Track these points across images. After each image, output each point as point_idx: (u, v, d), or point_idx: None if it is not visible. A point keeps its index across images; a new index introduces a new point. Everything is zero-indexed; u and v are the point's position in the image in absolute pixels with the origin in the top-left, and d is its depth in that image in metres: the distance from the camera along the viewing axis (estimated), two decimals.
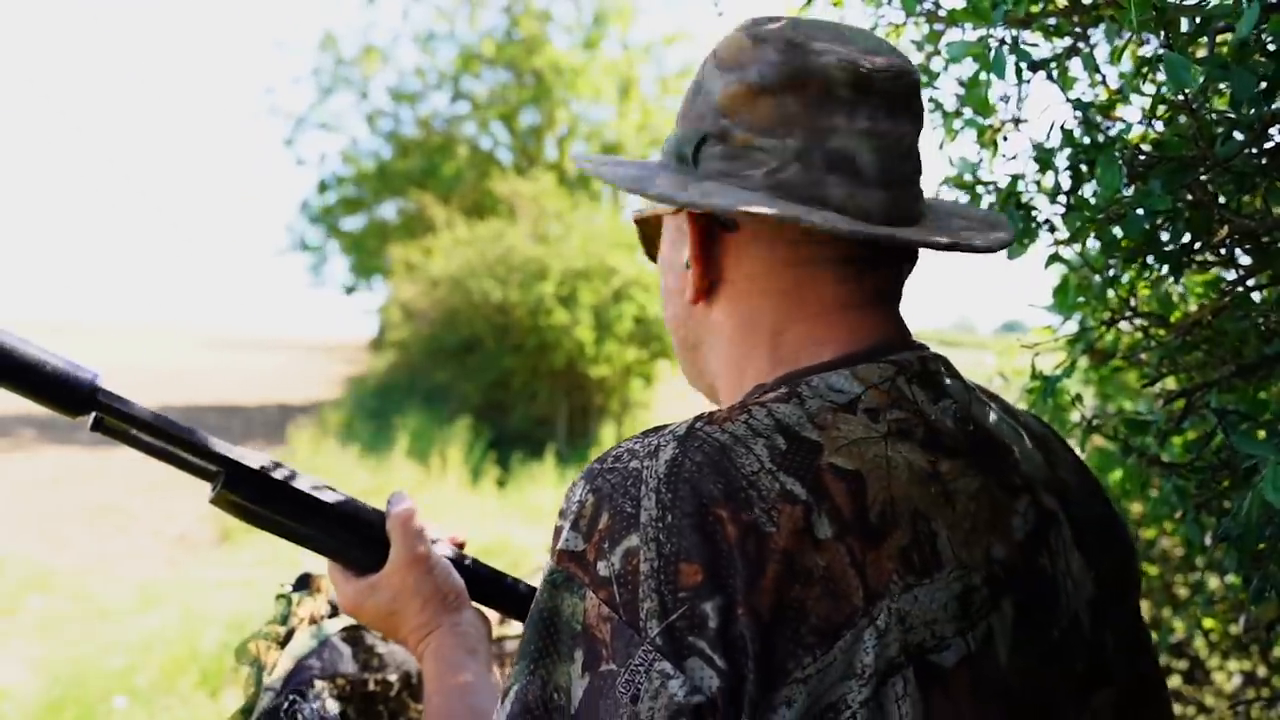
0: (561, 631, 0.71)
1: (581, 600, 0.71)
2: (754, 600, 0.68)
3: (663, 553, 0.69)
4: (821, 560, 0.71)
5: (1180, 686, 2.62)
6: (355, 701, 1.22)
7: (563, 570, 0.73)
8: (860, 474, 0.75)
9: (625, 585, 0.69)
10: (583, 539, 0.73)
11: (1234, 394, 1.30)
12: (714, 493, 0.71)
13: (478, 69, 18.82)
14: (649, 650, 0.67)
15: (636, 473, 0.74)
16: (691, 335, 0.94)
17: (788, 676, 0.68)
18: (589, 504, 0.74)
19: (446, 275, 11.72)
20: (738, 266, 0.88)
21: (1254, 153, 1.11)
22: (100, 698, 3.98)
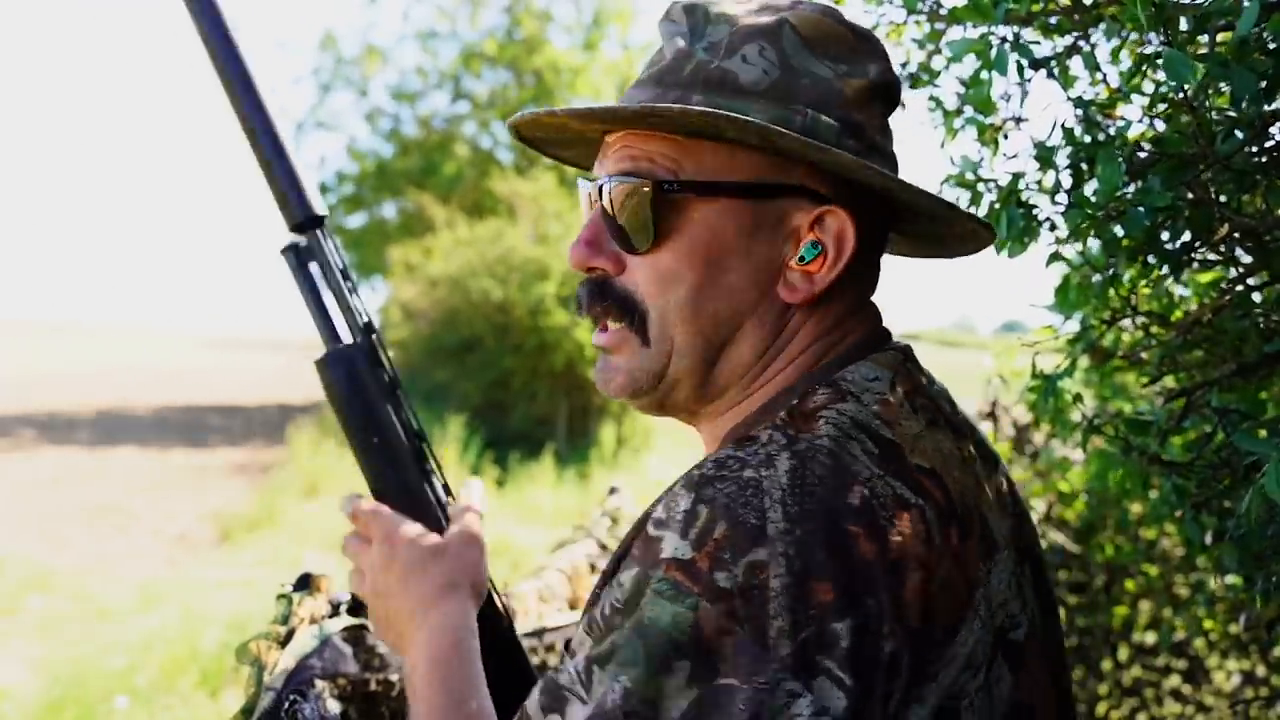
0: (660, 642, 0.68)
1: (691, 611, 0.67)
2: (903, 614, 0.69)
3: (793, 569, 0.67)
4: (940, 561, 0.73)
5: (1180, 686, 2.62)
6: (356, 701, 1.22)
7: (669, 579, 0.69)
8: (937, 471, 0.78)
9: (750, 600, 0.67)
10: (692, 548, 0.69)
11: (1234, 393, 1.30)
12: (844, 507, 0.71)
13: (478, 68, 18.81)
14: (778, 669, 0.66)
15: (754, 482, 0.71)
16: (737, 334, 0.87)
17: (926, 677, 0.70)
18: (700, 512, 0.71)
19: (446, 275, 11.71)
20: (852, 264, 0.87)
21: (1254, 151, 1.11)
22: (100, 698, 3.98)
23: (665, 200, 0.84)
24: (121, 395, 17.08)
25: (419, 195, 16.15)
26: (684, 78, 0.85)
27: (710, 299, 0.85)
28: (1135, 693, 2.64)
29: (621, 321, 0.88)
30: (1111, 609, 2.56)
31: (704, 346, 0.87)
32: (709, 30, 0.87)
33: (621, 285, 0.88)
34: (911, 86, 1.53)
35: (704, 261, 0.85)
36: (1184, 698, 2.61)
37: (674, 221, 0.84)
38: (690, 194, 0.84)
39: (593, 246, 0.88)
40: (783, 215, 0.85)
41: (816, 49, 0.86)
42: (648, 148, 0.85)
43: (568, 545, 2.08)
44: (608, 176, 0.87)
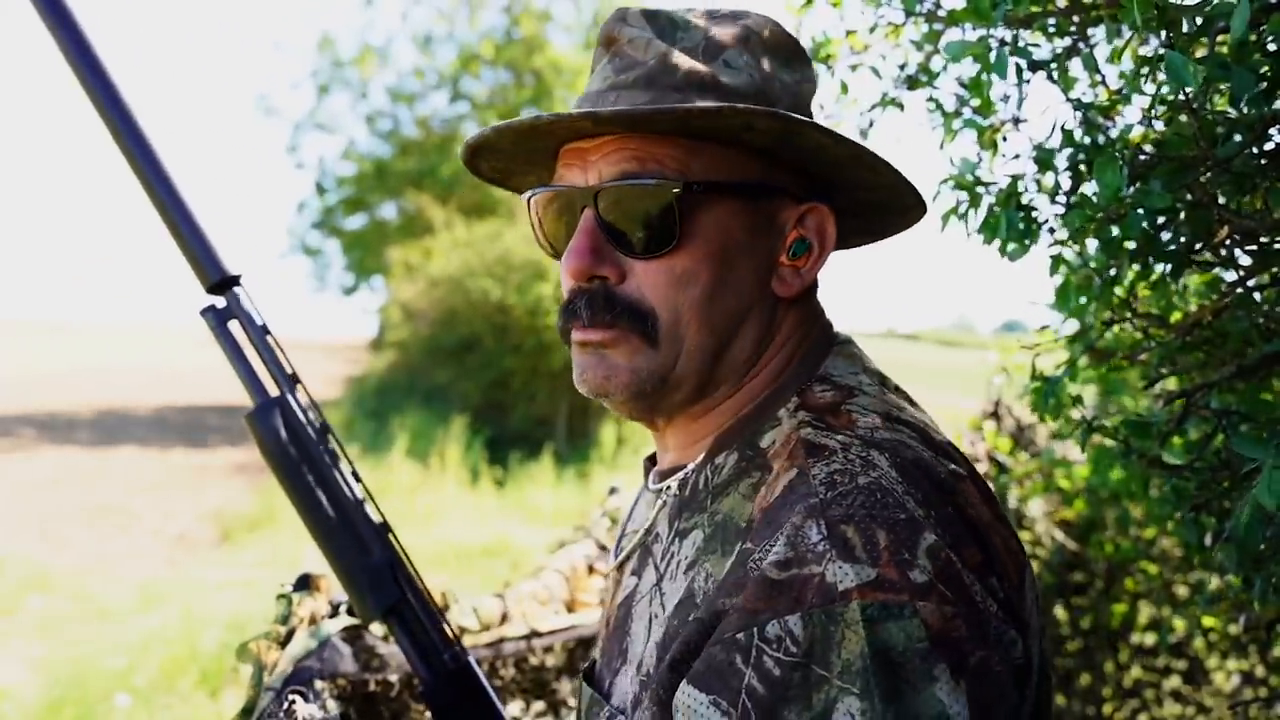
0: (906, 662, 0.67)
1: (915, 616, 0.68)
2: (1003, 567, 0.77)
3: (948, 542, 0.73)
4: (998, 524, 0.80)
5: (1180, 686, 2.62)
6: (355, 701, 1.22)
7: (872, 603, 0.68)
8: (949, 443, 0.86)
9: (948, 580, 0.71)
10: (870, 564, 0.69)
11: (1234, 394, 1.30)
12: (941, 483, 0.78)
13: (477, 69, 18.81)
14: (998, 623, 0.72)
15: (874, 485, 0.75)
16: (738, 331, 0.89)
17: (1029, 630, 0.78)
18: (847, 532, 0.71)
19: (445, 275, 11.72)
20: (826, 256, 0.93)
21: (1254, 153, 1.11)
22: (100, 697, 3.98)
23: (688, 201, 0.84)
24: (121, 395, 17.08)
25: (418, 196, 16.15)
26: (678, 81, 0.86)
27: (721, 298, 0.87)
28: (1136, 694, 2.64)
29: (628, 327, 0.86)
30: (1112, 608, 2.56)
31: (713, 345, 0.87)
32: (680, 36, 0.88)
33: (626, 292, 0.86)
34: (910, 88, 1.53)
35: (719, 261, 0.86)
36: (1184, 698, 2.61)
37: (691, 223, 0.85)
38: (707, 195, 0.85)
39: (596, 254, 0.86)
40: (774, 214, 0.89)
41: (776, 56, 0.91)
42: (654, 150, 0.84)
43: (567, 546, 2.08)
44: (608, 181, 0.85)
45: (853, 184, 0.91)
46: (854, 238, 1.04)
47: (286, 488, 1.05)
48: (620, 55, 0.89)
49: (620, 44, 0.90)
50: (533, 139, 0.90)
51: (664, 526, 0.91)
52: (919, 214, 0.96)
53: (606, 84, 0.89)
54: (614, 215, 0.85)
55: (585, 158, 0.87)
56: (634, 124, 0.83)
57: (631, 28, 0.89)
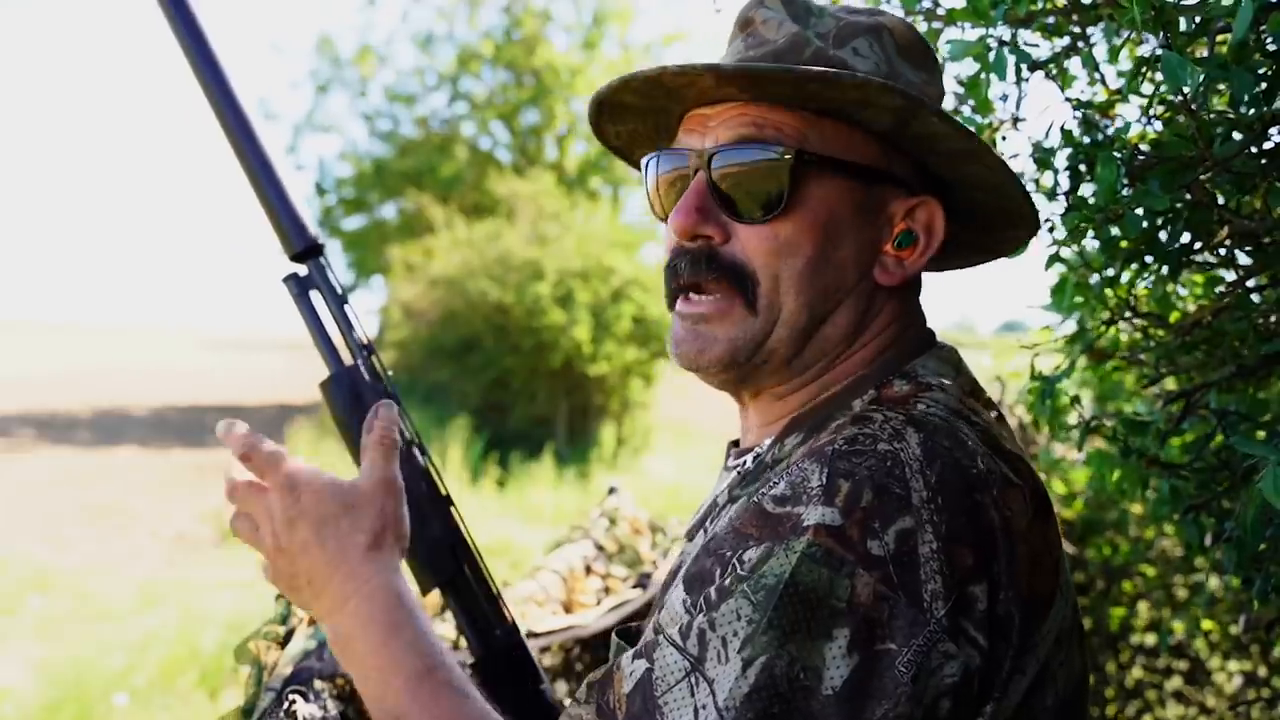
0: (819, 609, 0.69)
1: (848, 579, 0.69)
2: (1016, 580, 0.74)
3: (940, 535, 0.71)
4: (1036, 539, 0.78)
5: (1181, 687, 2.62)
6: (355, 701, 1.22)
7: (820, 545, 0.70)
8: (1020, 456, 0.84)
9: (903, 566, 0.70)
10: (840, 515, 0.71)
11: (1233, 394, 1.30)
12: (973, 477, 0.75)
13: (477, 69, 18.80)
14: (935, 631, 0.69)
15: (892, 454, 0.74)
16: (833, 310, 0.89)
17: (1028, 647, 0.75)
18: (841, 484, 0.72)
19: (445, 275, 11.71)
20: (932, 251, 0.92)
21: (1253, 153, 1.11)
22: (100, 698, 3.98)
23: (800, 170, 0.86)
24: (121, 395, 17.08)
25: (418, 196, 16.15)
26: (804, 59, 0.88)
27: (822, 271, 0.88)
28: (1138, 694, 2.64)
29: (728, 290, 0.88)
30: (1111, 610, 2.56)
31: (808, 318, 0.88)
32: (813, 21, 0.90)
33: (728, 253, 0.88)
34: None
35: (823, 234, 0.87)
36: (1185, 699, 2.61)
37: (800, 193, 0.86)
38: (821, 168, 0.86)
39: (703, 213, 0.88)
40: (884, 201, 0.89)
41: (905, 54, 0.92)
42: (772, 118, 0.86)
43: (564, 546, 2.08)
44: (723, 145, 0.87)
45: (968, 182, 0.91)
46: (965, 254, 1.04)
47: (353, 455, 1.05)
48: (753, 34, 0.92)
49: (755, 25, 0.92)
50: (657, 96, 0.92)
51: (724, 498, 0.93)
52: (1028, 228, 0.95)
53: (735, 58, 0.92)
54: (725, 178, 0.87)
55: (706, 123, 0.90)
56: (753, 83, 0.85)
57: (767, 9, 0.92)
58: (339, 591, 0.88)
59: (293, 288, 1.08)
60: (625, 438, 11.20)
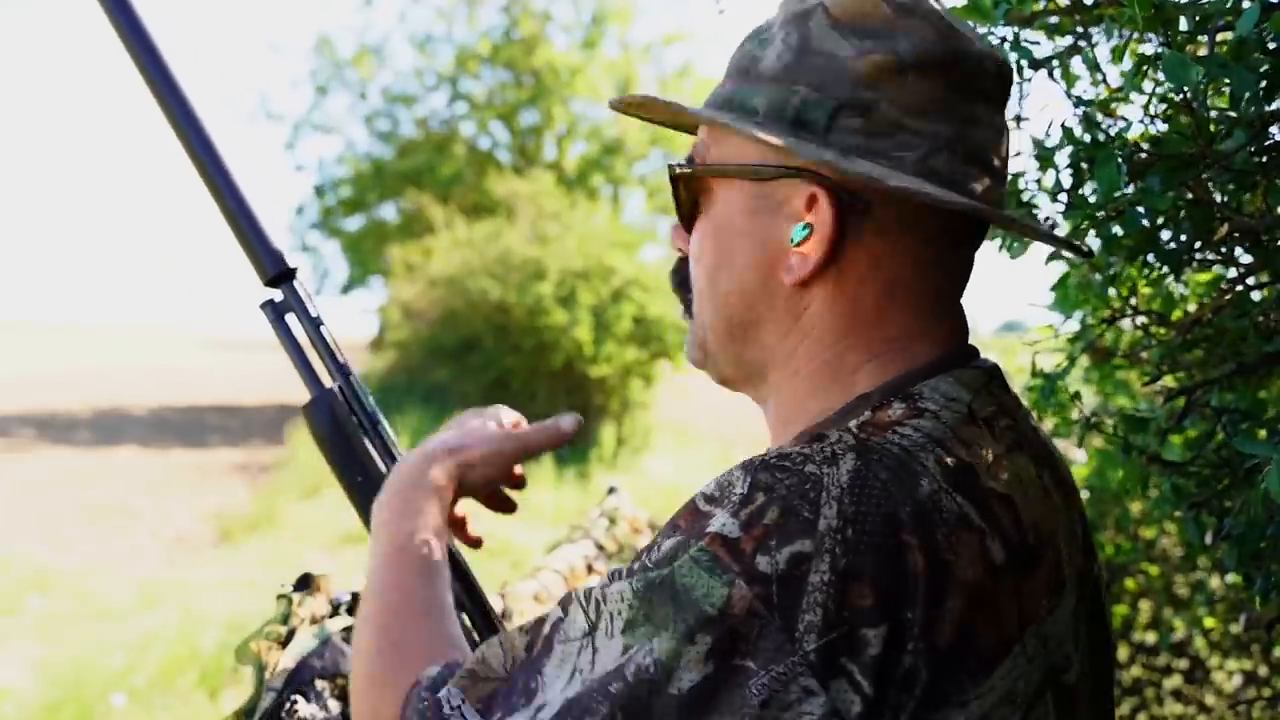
0: (687, 610, 0.67)
1: (727, 587, 0.66)
2: (932, 633, 0.67)
3: (836, 568, 0.66)
4: (994, 589, 0.71)
5: (1181, 686, 2.62)
6: None
7: (709, 551, 0.68)
8: (1011, 498, 0.76)
9: (787, 589, 0.66)
10: (740, 528, 0.68)
11: (1234, 393, 1.30)
12: (902, 516, 0.69)
13: (476, 69, 18.81)
14: (798, 663, 0.65)
15: (815, 477, 0.70)
16: (753, 315, 0.86)
17: (950, 703, 0.68)
18: (756, 497, 0.70)
19: (445, 275, 11.72)
20: (857, 252, 0.82)
21: (1254, 151, 1.11)
22: (99, 698, 3.98)
23: (691, 183, 0.89)
24: (121, 395, 17.08)
25: (418, 196, 16.15)
26: (730, 68, 0.89)
27: (721, 278, 0.88)
28: (1136, 692, 2.64)
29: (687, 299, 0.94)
30: (1111, 608, 2.56)
31: (724, 326, 0.89)
32: (769, 21, 0.89)
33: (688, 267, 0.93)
34: None
35: (716, 242, 0.88)
36: (1185, 698, 2.61)
37: (699, 204, 0.89)
38: (709, 176, 0.88)
39: (677, 230, 0.94)
40: (784, 199, 0.83)
41: (844, 28, 0.82)
42: (701, 135, 0.90)
43: (563, 546, 2.08)
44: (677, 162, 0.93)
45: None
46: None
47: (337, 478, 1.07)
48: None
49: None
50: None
51: None
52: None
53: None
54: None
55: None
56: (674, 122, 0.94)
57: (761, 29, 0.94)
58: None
59: (269, 313, 1.09)
60: (625, 438, 11.20)
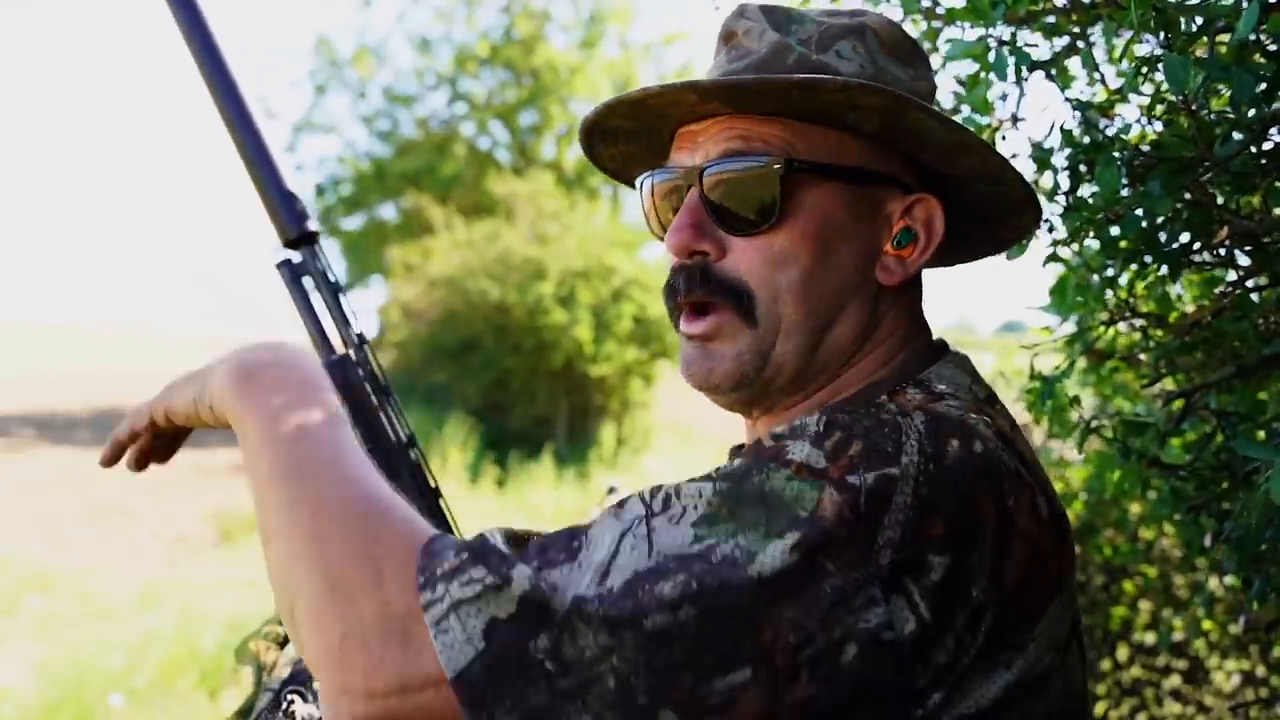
0: (778, 511, 0.69)
1: (818, 491, 0.70)
2: (1001, 576, 0.72)
3: (919, 495, 0.70)
4: (1043, 541, 0.76)
5: (1180, 686, 2.62)
6: None
7: (798, 476, 0.71)
8: (1038, 463, 0.82)
9: (874, 502, 0.69)
10: (826, 458, 0.72)
11: (1233, 395, 1.29)
12: (976, 465, 0.74)
13: (475, 69, 18.79)
14: (871, 572, 0.68)
15: (892, 422, 0.74)
16: (839, 315, 0.89)
17: (1014, 645, 0.73)
18: (835, 432, 0.73)
19: (445, 276, 11.71)
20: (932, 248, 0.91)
21: (1253, 153, 1.11)
22: (99, 698, 3.98)
23: (789, 179, 0.86)
24: (121, 395, 17.06)
25: (417, 196, 16.14)
26: (788, 66, 0.87)
27: (820, 279, 0.87)
28: (1135, 692, 2.63)
29: (726, 305, 0.88)
30: (1110, 609, 2.56)
31: (812, 326, 0.88)
32: (795, 28, 0.90)
33: (723, 269, 0.88)
34: None
35: (818, 242, 0.87)
36: (1184, 698, 2.61)
37: (792, 202, 0.86)
38: (812, 175, 0.86)
39: (697, 230, 0.88)
40: (880, 202, 0.89)
41: (891, 52, 0.91)
42: (759, 129, 0.87)
43: None
44: (713, 160, 0.88)
45: (965, 174, 0.90)
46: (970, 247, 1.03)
47: None
48: (736, 47, 0.92)
49: (737, 37, 0.92)
50: (645, 118, 0.93)
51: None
52: (1031, 215, 0.95)
53: (720, 73, 0.91)
54: (717, 193, 0.88)
55: (695, 140, 0.91)
56: (737, 97, 0.85)
57: (748, 20, 0.92)
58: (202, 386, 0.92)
59: (285, 274, 1.05)
60: (625, 438, 11.20)
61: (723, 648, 0.66)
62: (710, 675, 0.66)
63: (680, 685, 0.66)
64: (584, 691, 0.67)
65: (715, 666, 0.66)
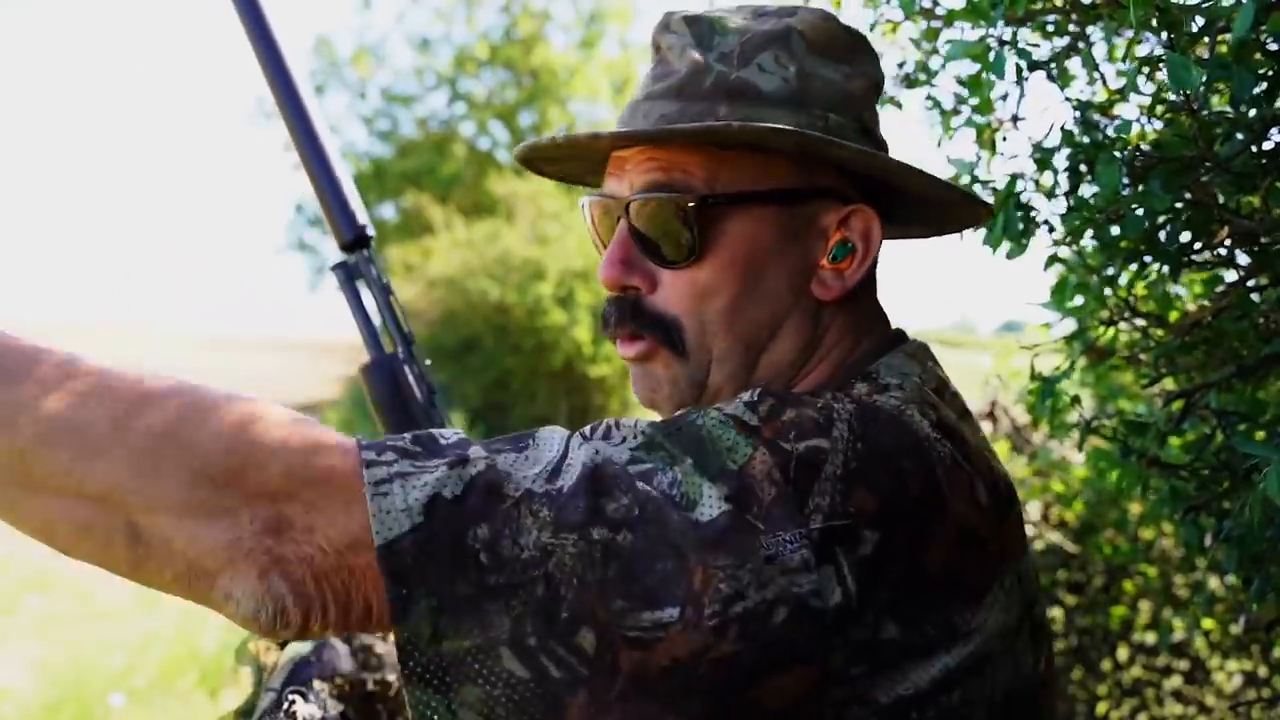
0: (710, 457, 0.70)
1: (752, 450, 0.70)
2: (923, 555, 0.71)
3: (849, 468, 0.70)
4: (980, 527, 0.75)
5: (1181, 686, 2.62)
6: (353, 701, 1.22)
7: (731, 419, 0.72)
8: (984, 451, 0.82)
9: (804, 470, 0.69)
10: (759, 420, 0.72)
11: (1234, 395, 1.29)
12: (904, 443, 0.74)
13: (475, 69, 18.79)
14: (802, 536, 0.68)
15: (824, 405, 0.74)
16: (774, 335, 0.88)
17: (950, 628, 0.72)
18: (769, 400, 0.74)
19: (445, 276, 11.71)
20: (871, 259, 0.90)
21: (1254, 153, 1.11)
22: (99, 698, 3.98)
23: (706, 213, 0.84)
24: None
25: (417, 196, 16.13)
26: (705, 90, 0.85)
27: (748, 307, 0.86)
28: (1136, 693, 2.64)
29: (654, 337, 0.88)
30: (1110, 609, 2.56)
31: (743, 352, 0.87)
32: (717, 41, 0.87)
33: (653, 304, 0.87)
34: (908, 86, 1.52)
35: (743, 272, 0.85)
36: (1185, 698, 2.61)
37: (712, 234, 0.84)
38: (730, 206, 0.84)
39: (626, 265, 0.87)
40: (813, 217, 0.87)
41: (822, 52, 0.88)
42: (681, 160, 0.85)
43: None
44: (637, 192, 0.86)
45: (898, 187, 0.89)
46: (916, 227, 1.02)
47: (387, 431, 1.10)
48: (660, 63, 0.90)
49: (662, 51, 0.91)
50: (574, 149, 0.91)
51: None
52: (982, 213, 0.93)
53: (643, 93, 0.90)
54: (644, 226, 0.86)
55: (623, 166, 0.89)
56: (646, 141, 0.84)
57: (672, 34, 0.89)
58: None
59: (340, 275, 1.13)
60: None
61: (654, 580, 0.65)
62: (638, 605, 0.65)
63: (608, 607, 0.65)
64: (511, 593, 0.65)
65: (644, 597, 0.65)
